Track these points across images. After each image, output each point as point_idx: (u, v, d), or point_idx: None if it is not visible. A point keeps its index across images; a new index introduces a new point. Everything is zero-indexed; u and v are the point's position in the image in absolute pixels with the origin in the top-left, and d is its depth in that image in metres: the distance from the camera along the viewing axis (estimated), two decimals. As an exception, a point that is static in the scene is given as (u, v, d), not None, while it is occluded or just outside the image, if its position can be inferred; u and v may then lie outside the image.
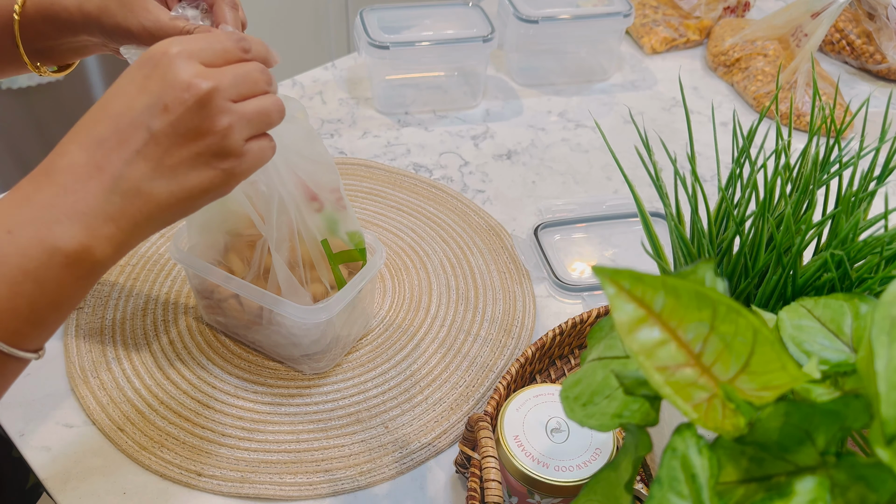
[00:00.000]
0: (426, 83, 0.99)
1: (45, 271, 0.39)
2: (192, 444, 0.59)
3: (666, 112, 0.98)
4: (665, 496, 0.27)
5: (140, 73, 0.42)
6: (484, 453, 0.49)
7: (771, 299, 0.44)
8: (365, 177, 0.85)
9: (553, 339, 0.62)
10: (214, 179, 0.43)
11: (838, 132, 0.47)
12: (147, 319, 0.68)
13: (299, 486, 0.57)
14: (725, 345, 0.28)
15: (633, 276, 0.28)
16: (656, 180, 0.49)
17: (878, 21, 1.03)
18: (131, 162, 0.41)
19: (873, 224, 0.44)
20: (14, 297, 0.39)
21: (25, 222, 0.39)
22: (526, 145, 0.91)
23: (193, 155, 0.42)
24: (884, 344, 0.25)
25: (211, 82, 0.41)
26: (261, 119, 0.44)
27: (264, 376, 0.64)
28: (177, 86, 0.41)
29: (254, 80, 0.44)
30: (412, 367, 0.66)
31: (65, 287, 0.40)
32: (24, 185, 0.41)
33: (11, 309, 0.39)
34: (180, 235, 0.63)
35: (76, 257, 0.40)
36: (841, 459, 0.28)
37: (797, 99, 0.94)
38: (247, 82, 0.43)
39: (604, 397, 0.35)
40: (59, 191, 0.40)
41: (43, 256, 0.39)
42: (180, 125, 0.41)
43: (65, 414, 0.61)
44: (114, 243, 0.41)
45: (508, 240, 0.78)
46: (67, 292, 0.40)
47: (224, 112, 0.42)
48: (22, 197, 0.40)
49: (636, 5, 1.11)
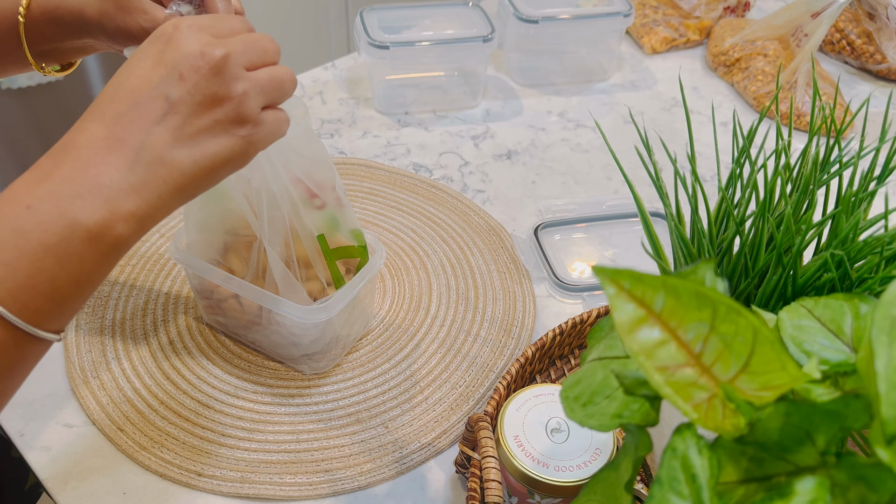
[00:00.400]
0: (426, 83, 0.99)
1: (66, 246, 0.38)
2: (192, 444, 0.59)
3: (666, 112, 0.98)
4: (665, 496, 0.27)
5: (153, 48, 0.42)
6: (484, 453, 0.48)
7: (771, 299, 0.44)
8: (365, 177, 0.85)
9: (553, 339, 0.62)
10: (234, 147, 0.43)
11: (838, 132, 0.47)
12: (147, 319, 0.68)
13: (299, 486, 0.57)
14: (725, 345, 0.28)
15: (633, 276, 0.28)
16: (656, 180, 0.49)
17: (878, 21, 1.03)
18: (152, 132, 0.41)
19: (873, 224, 0.44)
20: (35, 273, 0.38)
21: (45, 197, 0.38)
22: (526, 145, 0.91)
23: (212, 122, 0.42)
24: (884, 344, 0.25)
25: (223, 49, 0.42)
26: (273, 87, 0.44)
27: (264, 376, 0.64)
28: (190, 55, 0.41)
29: (264, 49, 0.44)
30: (412, 367, 0.66)
31: (87, 263, 0.39)
32: (43, 162, 0.40)
33: (33, 286, 0.38)
34: (180, 235, 0.63)
35: (98, 232, 0.39)
36: (841, 459, 0.28)
37: (797, 99, 0.94)
38: (257, 50, 0.44)
39: (604, 397, 0.35)
40: (79, 165, 0.39)
41: (64, 231, 0.38)
42: (197, 92, 0.41)
43: (65, 414, 0.61)
44: (137, 217, 0.41)
45: (508, 240, 0.78)
46: (89, 269, 0.40)
47: (239, 78, 0.42)
48: (41, 173, 0.40)
49: (636, 5, 1.11)
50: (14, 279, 0.37)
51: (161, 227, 0.76)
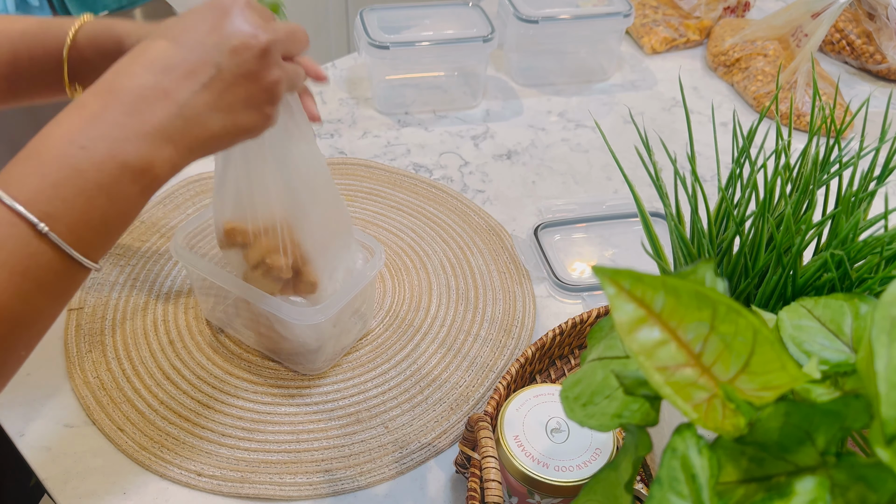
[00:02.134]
0: (426, 83, 0.99)
1: (116, 186, 0.42)
2: (192, 444, 0.59)
3: (666, 112, 0.98)
4: (665, 496, 0.27)
5: (211, 14, 0.46)
6: (484, 453, 0.48)
7: (771, 299, 0.44)
8: (365, 177, 0.85)
9: (553, 339, 0.62)
10: (257, 121, 0.47)
11: (838, 132, 0.47)
12: (147, 319, 0.68)
13: (299, 486, 0.57)
14: (725, 345, 0.28)
15: (633, 276, 0.28)
16: (656, 180, 0.49)
17: (878, 21, 1.03)
18: (197, 92, 0.44)
19: (873, 224, 0.44)
20: (90, 209, 0.41)
21: (98, 139, 0.41)
22: (526, 145, 0.91)
23: (248, 96, 0.46)
24: (884, 344, 0.25)
25: (272, 35, 0.46)
26: (291, 81, 0.49)
27: (264, 376, 0.64)
28: (245, 33, 0.45)
29: (299, 41, 0.50)
30: (412, 367, 0.66)
31: (131, 201, 0.43)
32: (90, 102, 0.43)
33: (87, 221, 0.41)
34: (180, 233, 0.63)
35: (141, 173, 0.43)
36: (841, 459, 0.28)
37: (797, 99, 0.94)
38: (294, 42, 0.49)
39: (604, 397, 0.35)
40: (128, 110, 0.42)
41: (115, 172, 0.42)
42: (243, 67, 0.45)
43: (65, 414, 0.60)
44: (171, 163, 0.44)
45: (508, 240, 0.78)
46: (132, 207, 0.44)
47: (277, 64, 0.47)
48: (91, 114, 0.42)
49: (636, 5, 1.11)
50: (71, 214, 0.41)
51: (161, 227, 0.76)
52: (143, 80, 0.43)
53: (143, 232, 0.76)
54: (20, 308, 0.40)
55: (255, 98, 0.46)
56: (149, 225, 0.77)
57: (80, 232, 0.41)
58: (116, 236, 0.45)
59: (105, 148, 0.41)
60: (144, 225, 0.77)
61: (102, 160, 0.41)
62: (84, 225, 0.41)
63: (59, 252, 0.41)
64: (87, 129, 0.42)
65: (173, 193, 0.80)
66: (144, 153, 0.42)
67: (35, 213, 0.40)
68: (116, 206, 0.43)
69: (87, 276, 0.44)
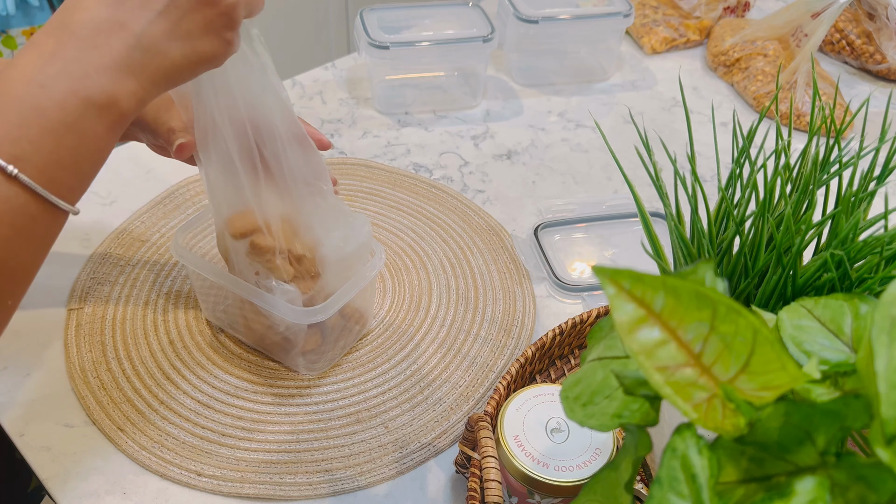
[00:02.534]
0: (426, 83, 0.99)
1: (82, 123, 0.41)
2: (192, 444, 0.59)
3: (666, 112, 0.98)
4: (665, 496, 0.27)
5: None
6: (484, 453, 0.48)
7: (771, 299, 0.44)
8: (365, 177, 0.85)
9: (553, 339, 0.62)
10: (218, 49, 0.46)
11: (838, 132, 0.47)
12: (147, 319, 0.68)
13: (299, 486, 0.57)
14: (725, 345, 0.28)
15: (633, 276, 0.28)
16: (656, 180, 0.49)
17: (878, 21, 1.03)
18: (153, 21, 0.43)
19: (873, 224, 0.44)
20: (58, 149, 0.41)
21: (56, 76, 0.41)
22: (526, 145, 0.91)
23: (206, 22, 0.45)
24: (884, 344, 0.25)
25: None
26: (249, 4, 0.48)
27: (264, 376, 0.64)
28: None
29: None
30: (412, 367, 0.66)
31: (100, 138, 0.43)
32: (44, 40, 0.42)
33: (57, 161, 0.41)
34: (181, 233, 0.63)
35: (106, 108, 0.42)
36: (841, 459, 0.28)
37: (797, 99, 0.94)
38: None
39: (604, 397, 0.35)
40: (84, 45, 0.42)
41: (79, 108, 0.41)
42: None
43: (65, 414, 0.60)
44: (135, 97, 0.43)
45: (508, 240, 0.78)
46: (102, 143, 0.43)
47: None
48: (46, 52, 0.41)
49: (636, 5, 1.11)
50: (40, 155, 0.40)
51: (161, 226, 0.76)
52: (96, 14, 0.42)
53: (144, 232, 0.76)
54: None
55: (214, 23, 0.45)
56: (149, 225, 0.77)
57: (52, 172, 0.41)
58: (90, 176, 0.44)
59: (65, 85, 0.41)
60: (144, 225, 0.77)
61: (64, 98, 0.41)
62: (54, 165, 0.41)
63: (32, 194, 0.40)
64: (45, 68, 0.41)
65: (173, 193, 0.80)
66: (106, 87, 0.42)
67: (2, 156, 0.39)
68: (85, 144, 0.42)
69: (65, 219, 0.43)
